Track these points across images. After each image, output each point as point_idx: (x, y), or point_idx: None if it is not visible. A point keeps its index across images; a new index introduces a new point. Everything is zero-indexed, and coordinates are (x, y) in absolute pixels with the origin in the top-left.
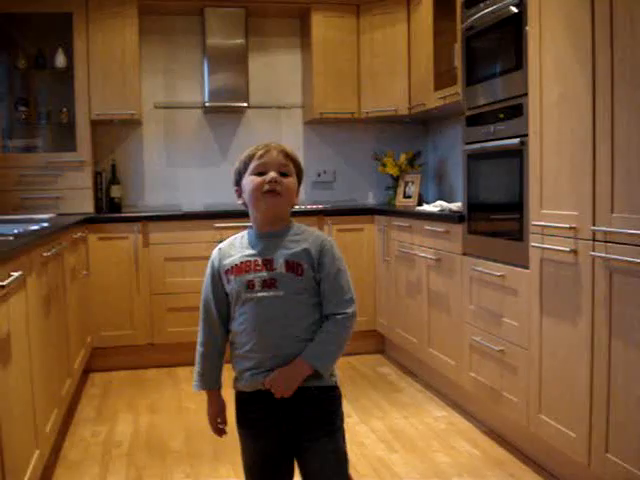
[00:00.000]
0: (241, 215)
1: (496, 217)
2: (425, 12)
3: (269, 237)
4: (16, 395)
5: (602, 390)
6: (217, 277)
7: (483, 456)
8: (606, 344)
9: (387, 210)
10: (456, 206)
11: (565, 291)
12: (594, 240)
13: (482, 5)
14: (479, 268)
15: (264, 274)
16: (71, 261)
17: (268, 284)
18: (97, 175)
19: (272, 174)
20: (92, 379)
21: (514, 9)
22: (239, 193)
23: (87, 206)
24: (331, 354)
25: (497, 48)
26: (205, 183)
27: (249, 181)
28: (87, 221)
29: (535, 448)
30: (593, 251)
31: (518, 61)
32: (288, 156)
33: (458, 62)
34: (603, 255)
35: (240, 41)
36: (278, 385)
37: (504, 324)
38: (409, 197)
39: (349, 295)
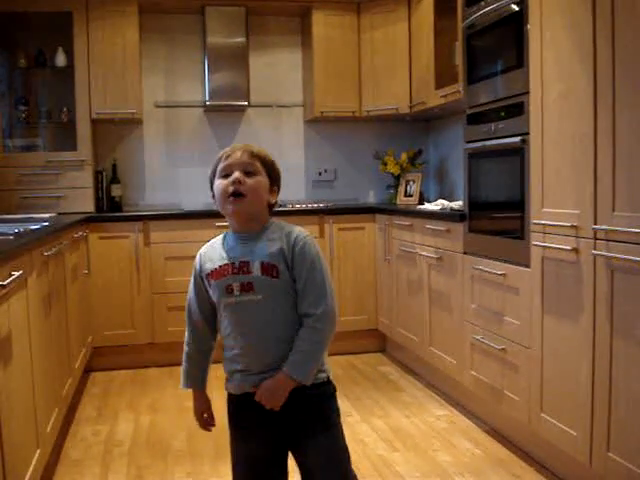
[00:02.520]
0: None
1: (497, 215)
2: (426, 10)
3: (246, 239)
4: (17, 394)
5: (604, 389)
6: (199, 280)
7: (484, 455)
8: (608, 342)
9: (388, 209)
10: (457, 205)
11: (566, 290)
12: (595, 239)
13: (483, 3)
14: (480, 267)
15: (241, 278)
16: (72, 260)
17: (246, 288)
18: (98, 174)
19: (236, 174)
20: (93, 378)
21: (515, 7)
22: (214, 198)
23: (88, 205)
24: (311, 361)
25: (498, 46)
26: (206, 182)
27: (216, 185)
28: (88, 220)
29: (537, 447)
30: (594, 249)
31: (519, 59)
32: (254, 155)
33: (459, 60)
34: (604, 254)
35: (241, 40)
36: (265, 400)
37: (505, 323)
38: (410, 196)
39: (321, 293)
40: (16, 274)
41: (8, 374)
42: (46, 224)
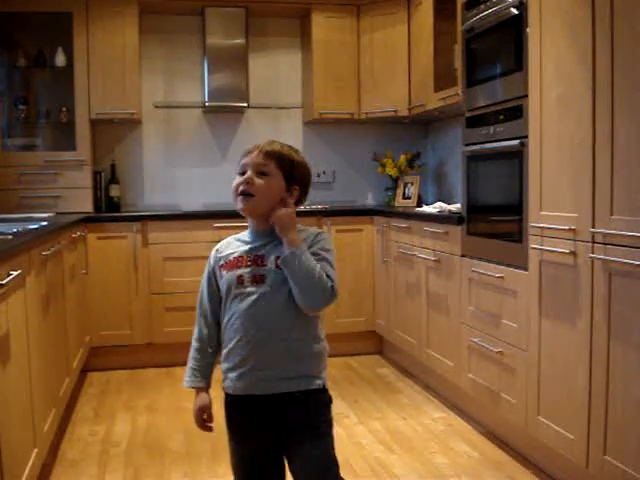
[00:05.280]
0: (240, 215)
1: (495, 218)
2: (425, 13)
3: (264, 235)
4: (15, 394)
5: (601, 392)
6: (212, 273)
7: (481, 458)
8: (605, 346)
9: (386, 211)
10: (455, 207)
11: (564, 293)
12: (593, 242)
13: (482, 6)
14: (478, 269)
15: (254, 270)
16: (70, 260)
17: (257, 280)
18: (96, 174)
19: (247, 174)
20: (90, 378)
21: (514, 10)
22: None
23: (86, 205)
24: (303, 261)
25: (497, 49)
26: (204, 183)
27: (234, 182)
28: (86, 220)
29: (533, 450)
30: (592, 253)
31: (518, 63)
32: (269, 156)
33: (458, 63)
34: (602, 257)
35: (240, 41)
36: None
37: (503, 325)
38: (408, 198)
39: (331, 283)
40: (14, 273)
41: (6, 374)
42: (44, 224)
